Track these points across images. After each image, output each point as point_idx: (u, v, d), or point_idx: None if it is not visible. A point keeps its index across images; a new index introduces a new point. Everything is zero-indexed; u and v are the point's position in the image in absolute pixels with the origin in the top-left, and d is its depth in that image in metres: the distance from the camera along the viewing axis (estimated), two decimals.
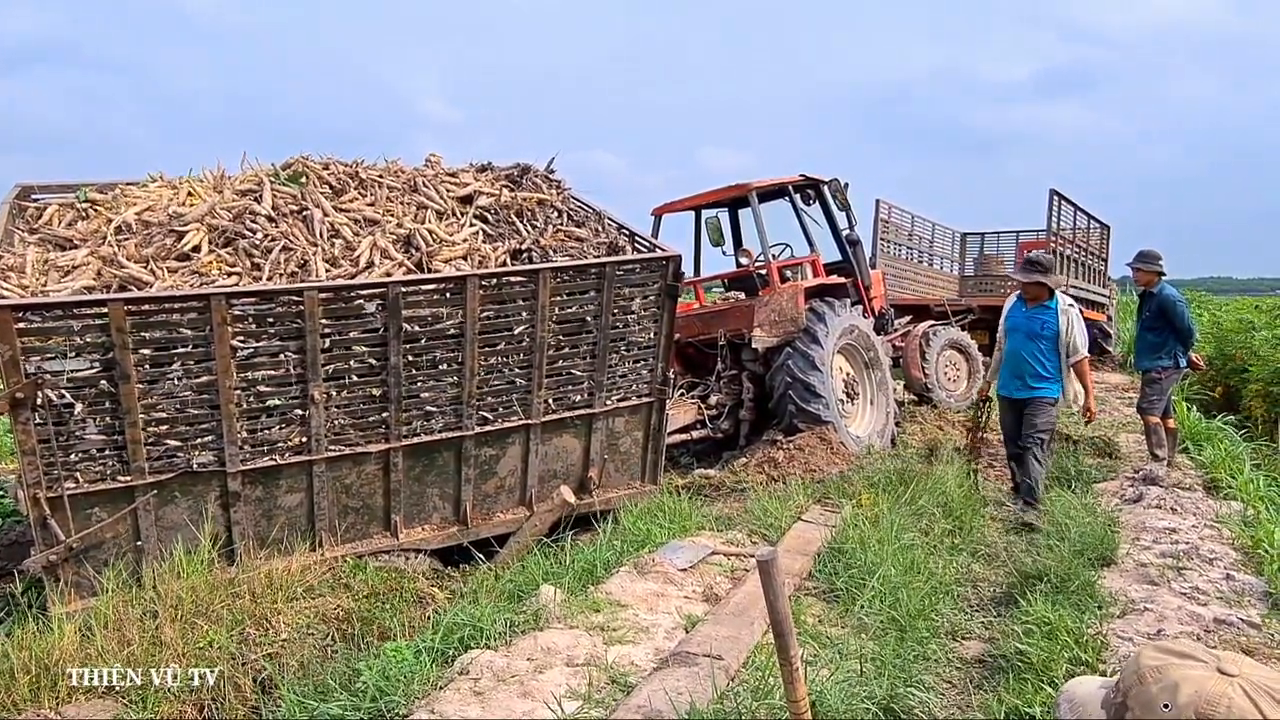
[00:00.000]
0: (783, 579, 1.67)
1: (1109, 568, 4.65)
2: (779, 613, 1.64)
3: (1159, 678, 1.07)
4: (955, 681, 3.53)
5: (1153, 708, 1.05)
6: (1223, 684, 1.03)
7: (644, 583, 4.06)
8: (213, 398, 4.13)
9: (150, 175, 5.23)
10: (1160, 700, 1.05)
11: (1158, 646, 1.14)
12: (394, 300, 4.41)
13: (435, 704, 2.86)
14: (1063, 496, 5.79)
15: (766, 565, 1.64)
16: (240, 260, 4.46)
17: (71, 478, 3.92)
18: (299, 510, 4.53)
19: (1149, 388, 6.87)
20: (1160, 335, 6.78)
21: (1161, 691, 1.05)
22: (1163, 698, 1.05)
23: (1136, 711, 1.07)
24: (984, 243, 15.85)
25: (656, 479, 5.88)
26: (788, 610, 1.66)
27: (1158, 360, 6.79)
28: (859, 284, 8.43)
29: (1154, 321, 6.78)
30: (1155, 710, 1.05)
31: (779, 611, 1.63)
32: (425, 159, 5.81)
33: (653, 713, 2.71)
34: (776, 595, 1.63)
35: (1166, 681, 1.06)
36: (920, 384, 9.53)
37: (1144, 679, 1.08)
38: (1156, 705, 1.05)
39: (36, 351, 3.75)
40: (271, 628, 3.81)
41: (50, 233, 4.59)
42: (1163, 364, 6.78)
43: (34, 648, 3.36)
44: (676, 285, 5.54)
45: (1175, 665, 1.08)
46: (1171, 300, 6.70)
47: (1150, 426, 6.84)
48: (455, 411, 4.82)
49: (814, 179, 8.16)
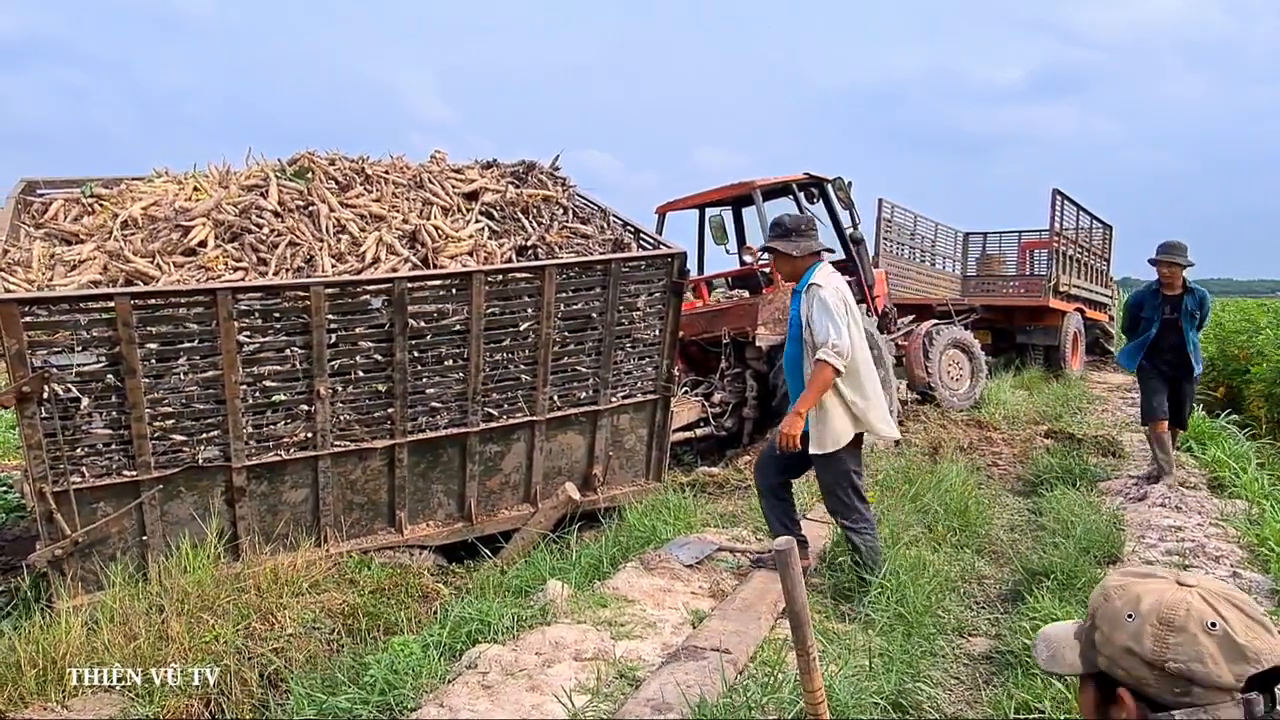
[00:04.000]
0: (799, 570, 1.67)
1: (1114, 565, 4.65)
2: (796, 603, 1.63)
3: (1122, 594, 1.12)
4: (963, 677, 3.52)
5: (1118, 620, 1.10)
6: (1181, 592, 1.08)
7: (650, 579, 4.06)
8: (218, 393, 4.12)
9: (155, 170, 5.23)
10: (1124, 612, 1.09)
11: (1121, 571, 1.19)
12: (400, 296, 4.41)
13: (444, 698, 2.85)
14: (1067, 494, 5.79)
15: (784, 555, 1.63)
16: (246, 255, 4.46)
17: (77, 472, 3.92)
18: (304, 506, 4.52)
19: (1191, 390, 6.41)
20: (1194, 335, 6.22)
21: (1125, 604, 1.10)
22: (1126, 609, 1.09)
23: (1104, 628, 1.11)
24: (986, 242, 15.86)
25: (661, 476, 5.87)
26: (805, 601, 1.65)
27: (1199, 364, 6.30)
28: (862, 283, 8.43)
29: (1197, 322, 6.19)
30: (1120, 622, 1.09)
31: (796, 602, 1.63)
32: (431, 155, 5.81)
33: (662, 706, 2.70)
34: (794, 585, 1.63)
35: (1129, 595, 1.11)
36: (923, 383, 9.52)
37: (1109, 598, 1.13)
38: (1121, 617, 1.10)
39: (43, 346, 3.75)
40: (277, 623, 3.80)
41: (56, 228, 4.59)
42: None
43: (40, 642, 3.35)
44: (682, 282, 5.53)
45: (1137, 582, 1.14)
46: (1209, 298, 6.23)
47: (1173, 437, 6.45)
48: (460, 407, 4.82)
49: (818, 177, 8.16)
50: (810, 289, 4.02)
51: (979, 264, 15.50)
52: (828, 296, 3.94)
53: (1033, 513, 5.96)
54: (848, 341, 3.90)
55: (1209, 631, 1.03)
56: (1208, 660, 1.02)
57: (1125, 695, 1.07)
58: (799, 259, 4.11)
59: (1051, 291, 12.41)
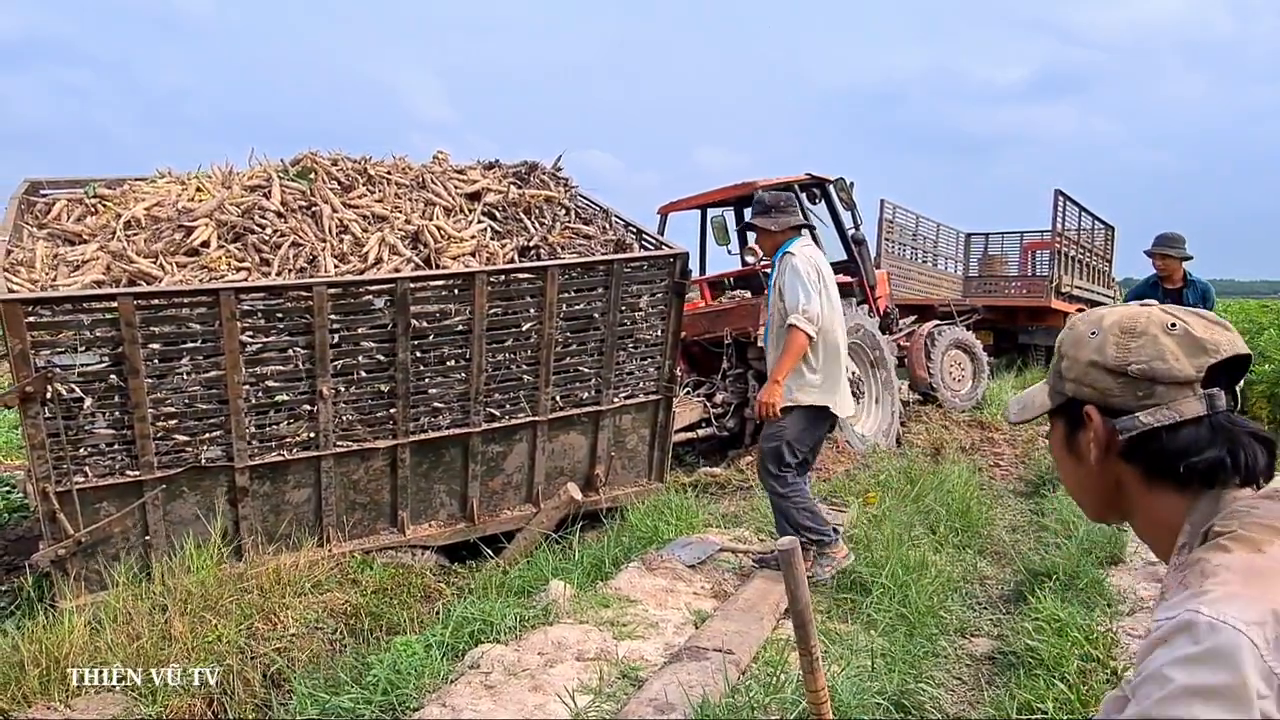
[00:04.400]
0: (803, 569, 1.67)
1: (1117, 566, 4.65)
2: (800, 602, 1.63)
3: (1086, 319, 1.15)
4: (965, 678, 3.52)
5: (1081, 340, 1.11)
6: (1142, 308, 1.10)
7: (652, 579, 4.06)
8: (221, 393, 4.13)
9: (158, 171, 5.23)
10: (1088, 331, 1.11)
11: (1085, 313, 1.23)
12: (402, 296, 4.41)
13: (447, 697, 2.85)
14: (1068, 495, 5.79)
15: (788, 555, 1.64)
16: (249, 256, 4.47)
17: (80, 472, 3.92)
18: (306, 506, 4.53)
19: None
20: None
21: (1088, 325, 1.13)
22: (1090, 329, 1.12)
23: (1070, 352, 1.13)
24: (988, 243, 15.86)
25: (663, 476, 5.87)
26: (808, 600, 1.66)
27: None
28: (864, 283, 8.42)
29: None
30: (1084, 340, 1.11)
31: (800, 601, 1.63)
32: (433, 156, 5.81)
33: (665, 706, 2.70)
34: (798, 585, 1.63)
35: (1092, 317, 1.14)
36: (925, 384, 9.52)
37: (1073, 326, 1.16)
38: (1085, 336, 1.11)
39: (46, 346, 3.75)
40: (280, 623, 3.81)
41: (59, 228, 4.60)
42: None
43: (44, 641, 3.36)
44: (684, 282, 5.53)
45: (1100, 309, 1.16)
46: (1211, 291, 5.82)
47: None
48: (463, 408, 4.82)
49: (820, 178, 8.16)
50: (784, 258, 4.14)
51: (981, 265, 15.52)
52: (799, 264, 4.06)
53: (1035, 513, 5.96)
54: (818, 308, 4.00)
55: (1169, 331, 1.05)
56: (1168, 357, 1.03)
57: (1091, 410, 1.08)
58: (777, 233, 4.27)
59: (1054, 292, 12.41)
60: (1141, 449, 1.06)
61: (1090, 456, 1.10)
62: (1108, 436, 1.07)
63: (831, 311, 4.15)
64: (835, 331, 4.17)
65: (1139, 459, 1.07)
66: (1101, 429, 1.08)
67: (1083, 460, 1.12)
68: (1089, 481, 1.13)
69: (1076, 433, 1.12)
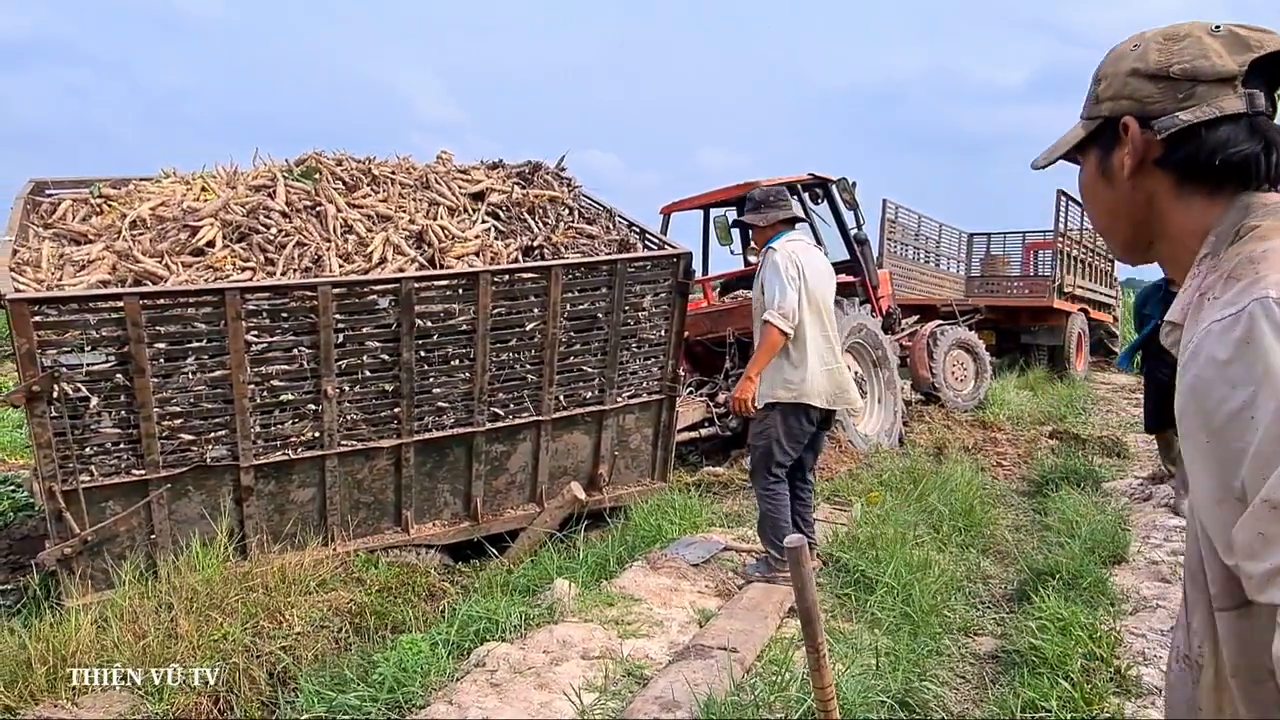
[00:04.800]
0: (810, 566, 1.68)
1: (1120, 565, 4.66)
2: (807, 599, 1.64)
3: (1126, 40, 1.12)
4: (969, 677, 3.53)
5: (1123, 54, 1.10)
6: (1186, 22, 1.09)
7: (657, 578, 4.07)
8: (226, 392, 4.14)
9: (163, 171, 5.25)
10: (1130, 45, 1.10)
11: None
12: (406, 296, 4.42)
13: (453, 695, 2.87)
14: (1072, 495, 5.79)
15: (795, 553, 1.64)
16: (254, 255, 4.48)
17: (86, 471, 3.93)
18: (311, 505, 4.54)
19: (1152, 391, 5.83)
20: None
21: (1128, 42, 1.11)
22: (1131, 44, 1.10)
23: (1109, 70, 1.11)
24: (990, 243, 15.86)
25: (666, 476, 5.88)
26: (815, 598, 1.66)
27: None
28: (866, 283, 8.43)
29: None
30: (1125, 54, 1.09)
31: (807, 598, 1.64)
32: (437, 156, 5.82)
33: (670, 704, 2.71)
34: (804, 582, 1.64)
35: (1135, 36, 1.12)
36: (927, 383, 9.53)
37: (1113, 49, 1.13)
38: (1126, 50, 1.10)
39: (53, 345, 3.76)
40: (285, 621, 3.81)
41: (65, 228, 4.61)
42: None
43: (50, 640, 3.37)
44: (687, 282, 5.54)
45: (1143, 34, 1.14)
46: None
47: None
48: (467, 407, 4.83)
49: (822, 178, 8.17)
50: (766, 253, 4.17)
51: (983, 265, 15.52)
52: (779, 259, 4.07)
53: (1037, 513, 5.96)
54: (793, 304, 4.00)
55: (1213, 34, 1.04)
56: (1211, 55, 1.02)
57: (1128, 120, 1.07)
58: (765, 228, 4.30)
59: (1056, 292, 12.41)
60: (1178, 150, 1.04)
61: (1124, 171, 1.08)
62: (1144, 146, 1.06)
63: (813, 308, 4.12)
64: (816, 327, 4.14)
65: (1173, 164, 1.05)
66: (1139, 137, 1.06)
67: (1116, 182, 1.11)
68: (1121, 205, 1.12)
69: (1110, 155, 1.11)
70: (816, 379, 4.10)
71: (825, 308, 4.22)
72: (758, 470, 4.18)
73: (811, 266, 4.17)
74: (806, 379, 4.07)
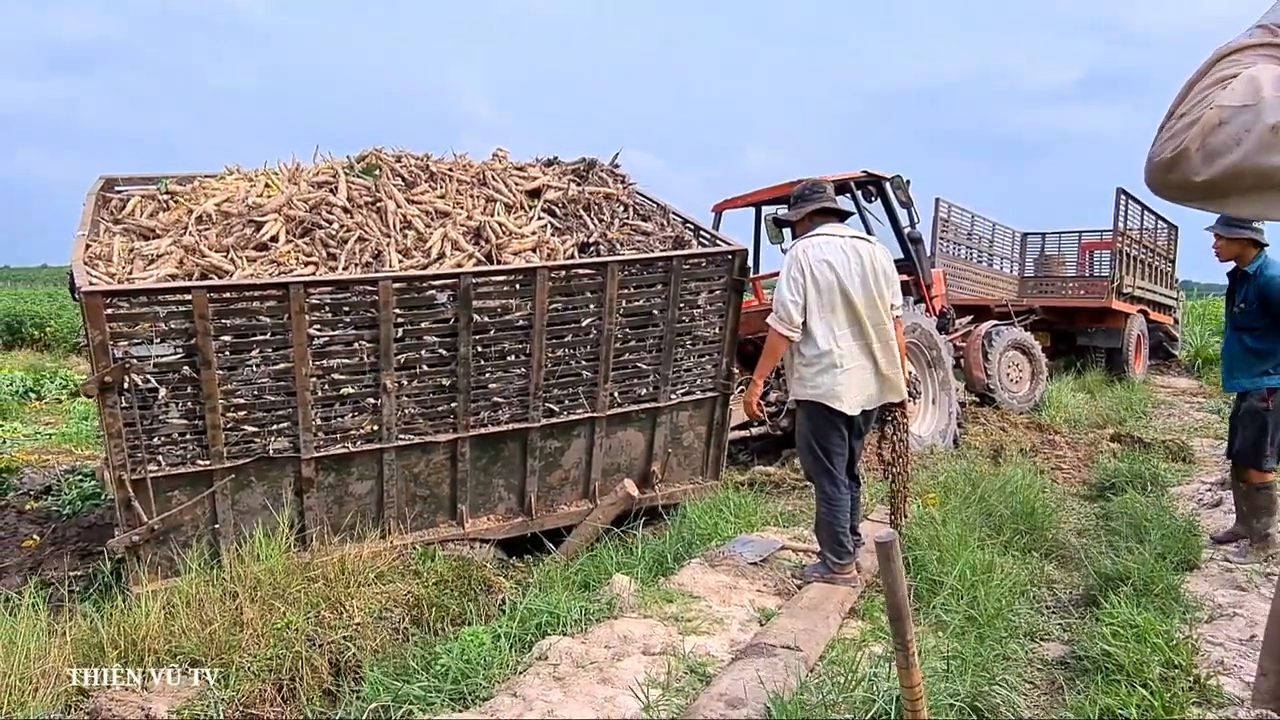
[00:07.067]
0: (900, 561, 1.64)
1: (1192, 572, 4.52)
2: (897, 596, 1.60)
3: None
4: (1038, 682, 3.44)
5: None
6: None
7: (715, 575, 4.03)
8: (289, 385, 4.19)
9: (227, 168, 5.34)
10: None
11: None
12: (465, 291, 4.44)
13: (517, 688, 2.86)
14: (1138, 499, 5.63)
15: (887, 548, 1.60)
16: (317, 250, 4.53)
17: (154, 460, 4.01)
18: (369, 498, 4.58)
19: (1249, 422, 4.64)
20: (1263, 338, 4.53)
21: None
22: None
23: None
24: (1045, 243, 15.53)
25: (718, 474, 5.84)
26: (905, 594, 1.62)
27: (1261, 379, 4.55)
28: (920, 282, 8.30)
29: (1253, 318, 4.52)
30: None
31: (897, 595, 1.59)
32: (493, 153, 5.85)
33: (735, 701, 2.68)
34: (895, 578, 1.59)
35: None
36: (982, 384, 9.35)
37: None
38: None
39: (124, 337, 3.84)
40: (346, 611, 3.85)
41: (134, 223, 4.71)
42: (1270, 382, 4.53)
43: (121, 624, 3.44)
44: (743, 279, 5.50)
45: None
46: (1277, 282, 4.44)
47: (1255, 485, 4.71)
48: (522, 403, 4.84)
49: (876, 175, 8.06)
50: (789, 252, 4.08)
51: (1038, 265, 15.19)
52: (787, 260, 4.01)
53: (1101, 517, 5.81)
54: (788, 304, 3.91)
55: None
56: None
57: None
58: (797, 222, 4.24)
59: (1115, 293, 12.10)
60: None
61: None
62: None
63: (829, 304, 3.90)
64: (833, 325, 3.91)
65: None
66: None
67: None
68: None
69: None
70: (836, 379, 3.88)
71: (854, 303, 3.91)
72: (809, 471, 4.17)
73: (833, 261, 3.91)
74: (824, 378, 3.89)
